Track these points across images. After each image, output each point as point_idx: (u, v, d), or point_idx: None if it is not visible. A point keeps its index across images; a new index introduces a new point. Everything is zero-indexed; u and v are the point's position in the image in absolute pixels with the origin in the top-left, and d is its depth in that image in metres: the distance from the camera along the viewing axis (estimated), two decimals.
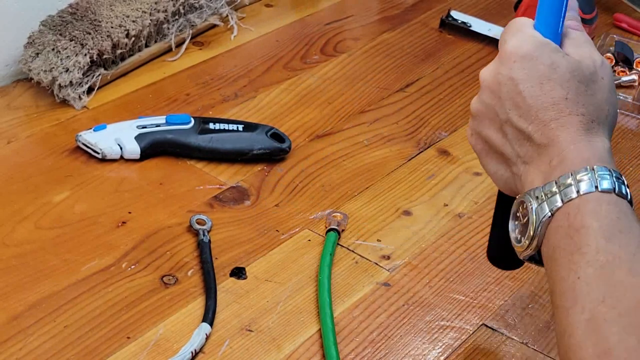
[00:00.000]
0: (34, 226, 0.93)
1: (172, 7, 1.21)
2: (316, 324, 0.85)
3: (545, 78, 0.66)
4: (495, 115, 0.68)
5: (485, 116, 0.69)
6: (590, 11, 1.24)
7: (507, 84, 0.67)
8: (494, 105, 0.68)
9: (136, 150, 1.02)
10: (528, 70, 0.66)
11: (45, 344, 0.80)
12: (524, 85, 0.66)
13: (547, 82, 0.66)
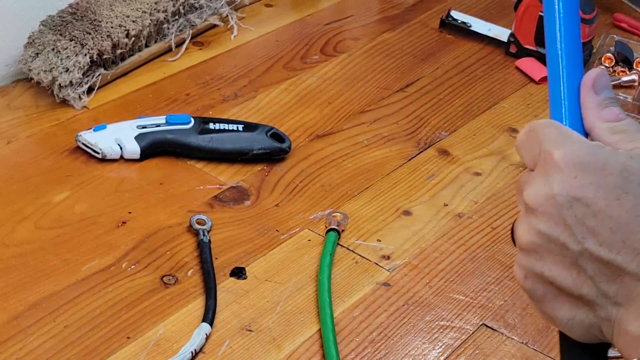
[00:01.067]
0: (34, 226, 0.93)
1: (172, 7, 1.21)
2: (316, 323, 0.85)
3: (621, 190, 0.51)
4: (564, 248, 0.53)
5: (548, 251, 0.53)
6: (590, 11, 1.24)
7: (573, 206, 0.52)
8: (558, 235, 0.53)
9: (136, 150, 1.02)
10: (595, 185, 0.52)
11: (46, 344, 0.80)
12: (596, 205, 0.51)
13: (624, 195, 0.51)
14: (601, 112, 0.54)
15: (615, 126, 0.54)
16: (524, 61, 1.27)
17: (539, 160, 0.53)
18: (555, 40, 0.56)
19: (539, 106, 1.20)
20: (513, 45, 1.29)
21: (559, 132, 0.54)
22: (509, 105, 1.20)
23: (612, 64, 1.26)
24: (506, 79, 1.25)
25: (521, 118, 1.18)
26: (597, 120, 0.54)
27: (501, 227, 0.99)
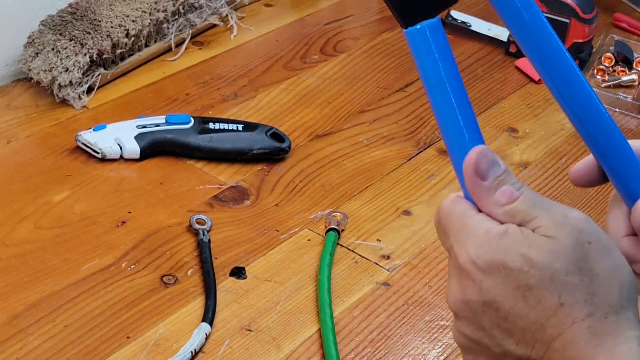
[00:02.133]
0: (34, 226, 0.93)
1: (172, 7, 1.20)
2: (316, 323, 0.85)
3: (525, 288, 0.50)
4: (488, 349, 0.53)
5: (478, 352, 0.54)
6: (590, 11, 1.24)
7: (485, 312, 0.51)
8: (480, 338, 0.53)
9: (136, 150, 1.02)
10: (501, 286, 0.51)
11: (46, 344, 0.80)
12: (504, 307, 0.51)
13: (529, 292, 0.50)
14: (494, 198, 0.52)
15: (512, 209, 0.51)
16: (524, 61, 1.27)
17: (450, 256, 0.53)
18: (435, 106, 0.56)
19: (539, 106, 1.20)
20: (513, 45, 1.29)
21: (461, 223, 0.52)
22: (509, 105, 1.20)
23: (612, 63, 1.26)
24: (506, 79, 1.25)
25: (521, 118, 1.18)
26: (492, 206, 0.52)
27: None
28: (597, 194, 1.05)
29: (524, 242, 0.50)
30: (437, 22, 0.55)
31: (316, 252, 0.93)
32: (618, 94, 1.21)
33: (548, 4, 1.25)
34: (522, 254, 0.50)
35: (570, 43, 1.25)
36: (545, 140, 1.14)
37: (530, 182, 1.06)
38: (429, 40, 0.54)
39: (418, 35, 0.54)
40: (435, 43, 0.54)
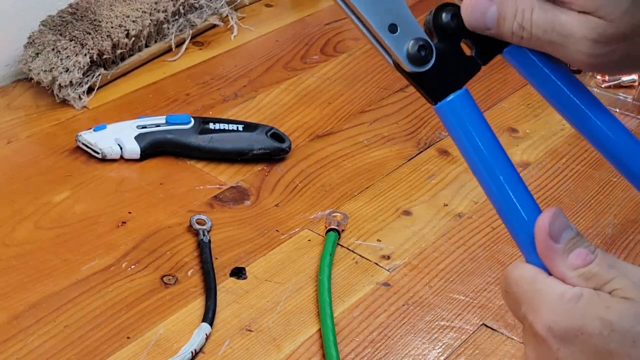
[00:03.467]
0: (34, 226, 0.93)
1: (172, 7, 1.21)
2: (316, 323, 0.85)
3: (605, 353, 0.48)
4: None
5: None
6: None
7: None
8: None
9: (136, 150, 1.02)
10: (579, 354, 0.49)
11: (46, 344, 0.80)
12: None
13: (608, 356, 0.48)
14: (567, 261, 0.50)
15: (586, 272, 0.49)
16: None
17: (524, 324, 0.51)
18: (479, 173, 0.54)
19: (539, 106, 1.20)
20: None
21: (532, 288, 0.50)
22: (508, 105, 1.20)
23: None
24: (506, 78, 1.25)
25: (521, 118, 1.18)
26: (565, 269, 0.50)
27: (501, 227, 0.99)
28: (597, 194, 1.05)
29: (601, 305, 0.48)
30: (465, 92, 0.55)
31: (316, 252, 0.93)
32: (618, 94, 1.21)
33: None
34: (601, 317, 0.48)
35: None
36: (546, 140, 1.14)
37: (530, 182, 1.06)
38: (460, 113, 0.55)
39: (448, 109, 0.55)
40: (466, 114, 0.55)
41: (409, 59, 0.54)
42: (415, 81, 0.55)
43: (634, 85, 1.24)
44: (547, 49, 0.53)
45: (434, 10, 0.55)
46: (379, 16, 0.53)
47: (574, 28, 0.51)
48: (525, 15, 0.52)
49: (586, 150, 1.12)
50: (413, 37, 0.54)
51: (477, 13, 0.53)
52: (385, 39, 0.54)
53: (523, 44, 0.54)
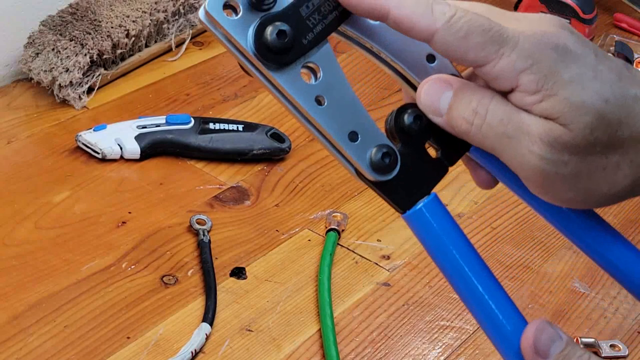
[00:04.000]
0: (34, 226, 0.93)
1: (172, 7, 1.20)
2: (316, 324, 0.85)
3: None
4: None
5: None
6: (590, 11, 1.24)
7: None
8: None
9: (136, 150, 1.02)
10: None
11: (46, 344, 0.80)
12: None
13: None
14: None
15: None
16: None
17: None
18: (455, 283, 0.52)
19: None
20: None
21: None
22: None
23: None
24: None
25: None
26: None
27: (501, 227, 0.99)
28: None
29: None
30: (434, 198, 0.53)
31: (316, 252, 0.93)
32: None
33: (548, 4, 1.25)
34: None
35: None
36: None
37: None
38: (430, 221, 0.52)
39: (417, 218, 0.52)
40: (437, 222, 0.52)
41: (373, 168, 0.50)
42: (380, 190, 0.51)
43: None
44: (496, 143, 0.49)
45: (395, 112, 0.51)
46: (337, 124, 0.50)
47: (532, 126, 0.48)
48: (483, 101, 0.49)
49: None
50: (375, 144, 0.50)
51: (433, 95, 0.50)
52: (345, 148, 0.50)
53: (471, 135, 0.49)
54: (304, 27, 0.49)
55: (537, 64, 0.47)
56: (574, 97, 0.47)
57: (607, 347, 0.85)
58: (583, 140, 0.48)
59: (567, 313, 0.90)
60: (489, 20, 0.48)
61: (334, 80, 0.50)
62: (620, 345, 0.86)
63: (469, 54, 0.48)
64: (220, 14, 0.49)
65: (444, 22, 0.48)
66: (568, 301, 0.91)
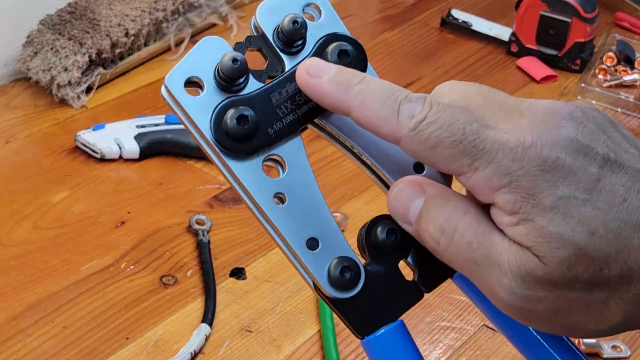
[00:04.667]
0: (33, 226, 0.92)
1: (172, 6, 1.20)
2: (316, 324, 0.85)
3: None
4: None
5: None
6: (591, 10, 1.24)
7: None
8: None
9: (135, 150, 1.02)
10: None
11: (45, 344, 0.80)
12: None
13: None
14: None
15: None
16: (525, 60, 1.27)
17: None
18: None
19: None
20: (514, 44, 1.28)
21: None
22: None
23: (614, 63, 1.26)
24: (507, 78, 1.25)
25: None
26: None
27: None
28: None
29: None
30: (400, 326, 0.46)
31: None
32: (620, 94, 1.21)
33: (549, 3, 1.24)
34: None
35: (571, 42, 1.25)
36: None
37: None
38: (390, 352, 0.45)
39: (376, 347, 0.46)
40: (398, 354, 0.46)
41: (331, 282, 0.45)
42: (337, 308, 0.45)
43: (635, 85, 1.23)
44: (464, 268, 0.44)
45: (367, 224, 0.46)
46: (296, 228, 0.45)
47: (503, 255, 0.42)
48: (453, 217, 0.43)
49: None
50: (336, 255, 0.45)
51: (403, 201, 0.45)
52: (302, 256, 0.45)
53: (440, 253, 0.45)
54: (272, 116, 0.45)
55: (516, 182, 0.41)
56: (551, 226, 0.41)
57: (608, 348, 0.85)
58: (560, 277, 0.41)
59: None
60: (466, 124, 0.42)
61: (300, 178, 0.45)
62: (622, 346, 0.85)
63: (439, 165, 0.43)
64: (181, 91, 0.45)
65: (408, 130, 0.42)
66: None
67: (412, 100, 0.43)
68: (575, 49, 1.25)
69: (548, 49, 1.26)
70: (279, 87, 0.45)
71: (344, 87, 0.44)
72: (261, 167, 0.45)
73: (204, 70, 0.45)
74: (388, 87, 0.45)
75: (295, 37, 0.46)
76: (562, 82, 1.25)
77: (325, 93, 0.44)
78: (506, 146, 0.41)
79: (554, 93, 1.22)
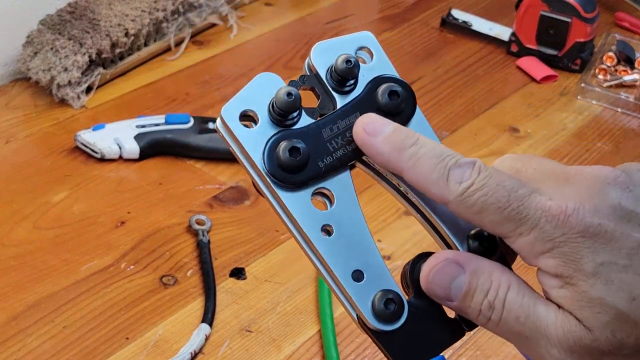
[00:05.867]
0: (33, 226, 0.92)
1: (172, 6, 1.20)
2: (316, 324, 0.85)
3: None
4: None
5: None
6: (591, 10, 1.24)
7: None
8: None
9: (135, 150, 1.02)
10: None
11: (45, 344, 0.80)
12: None
13: None
14: None
15: None
16: (525, 60, 1.27)
17: None
18: None
19: (540, 105, 1.20)
20: (514, 44, 1.28)
21: None
22: (510, 105, 1.20)
23: (614, 63, 1.26)
24: (507, 78, 1.25)
25: (522, 117, 1.17)
26: None
27: None
28: None
29: None
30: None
31: None
32: (620, 94, 1.21)
33: (549, 3, 1.24)
34: None
35: (571, 42, 1.25)
36: (547, 140, 1.14)
37: None
38: None
39: None
40: None
41: (375, 314, 0.46)
42: (380, 341, 0.46)
43: (635, 85, 1.23)
44: (515, 339, 0.45)
45: (411, 261, 0.48)
46: (342, 260, 0.46)
47: (550, 326, 0.43)
48: (499, 294, 0.45)
49: (587, 150, 1.12)
50: (381, 288, 0.47)
51: (443, 278, 0.45)
52: (348, 288, 0.46)
53: (489, 328, 0.45)
54: (323, 150, 0.46)
55: (558, 248, 0.43)
56: (593, 291, 0.42)
57: None
58: (606, 343, 0.42)
59: None
60: (512, 190, 0.43)
61: (347, 212, 0.47)
62: None
63: (486, 228, 0.44)
64: (236, 123, 0.46)
65: (456, 195, 0.44)
66: None
67: (461, 166, 0.44)
68: (575, 49, 1.24)
69: (548, 49, 1.26)
70: (331, 123, 0.47)
71: (397, 149, 0.45)
72: (310, 199, 0.46)
73: (258, 104, 0.46)
74: (439, 152, 0.45)
75: (348, 77, 0.48)
76: (562, 82, 1.25)
77: (380, 153, 0.46)
78: (549, 213, 0.43)
79: (554, 93, 1.22)
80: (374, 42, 0.50)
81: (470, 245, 0.48)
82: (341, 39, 0.49)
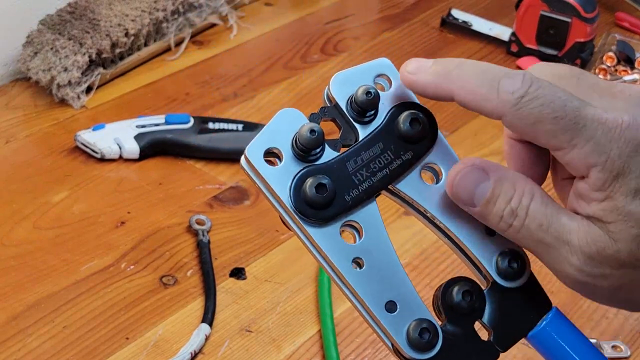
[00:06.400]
0: (33, 226, 0.92)
1: (172, 6, 1.20)
2: (316, 324, 0.85)
3: None
4: None
5: None
6: (591, 10, 1.24)
7: None
8: None
9: (135, 150, 1.02)
10: None
11: (45, 345, 0.80)
12: None
13: None
14: None
15: None
16: (525, 60, 1.27)
17: None
18: None
19: None
20: (514, 44, 1.28)
21: None
22: None
23: (614, 63, 1.26)
24: None
25: None
26: None
27: None
28: None
29: None
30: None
31: None
32: None
33: (549, 3, 1.24)
34: None
35: (571, 42, 1.25)
36: None
37: None
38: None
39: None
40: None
41: (410, 344, 0.47)
42: None
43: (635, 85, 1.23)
44: (534, 247, 0.46)
45: (443, 285, 0.48)
46: (375, 292, 0.46)
47: (573, 234, 0.45)
48: (523, 202, 0.46)
49: None
50: (415, 317, 0.47)
51: (467, 185, 0.47)
52: (382, 319, 0.46)
53: (509, 235, 0.46)
54: (349, 183, 0.47)
55: (611, 161, 0.43)
56: (632, 206, 0.43)
57: (609, 347, 0.85)
58: (628, 255, 0.44)
59: (569, 313, 0.89)
60: (567, 101, 0.44)
61: (376, 243, 0.47)
62: (622, 346, 0.85)
63: (540, 140, 0.45)
64: (261, 161, 0.46)
65: (510, 106, 0.44)
66: (569, 302, 0.90)
67: (511, 76, 0.44)
68: (575, 49, 1.24)
69: (548, 49, 1.26)
70: (354, 156, 0.48)
71: (443, 75, 0.46)
72: (339, 233, 0.47)
73: (282, 141, 0.47)
74: (485, 67, 0.46)
75: (368, 108, 0.48)
76: None
77: (428, 84, 0.47)
78: (605, 125, 0.43)
79: None
80: (391, 68, 0.50)
81: (499, 265, 0.48)
82: (359, 68, 0.50)
